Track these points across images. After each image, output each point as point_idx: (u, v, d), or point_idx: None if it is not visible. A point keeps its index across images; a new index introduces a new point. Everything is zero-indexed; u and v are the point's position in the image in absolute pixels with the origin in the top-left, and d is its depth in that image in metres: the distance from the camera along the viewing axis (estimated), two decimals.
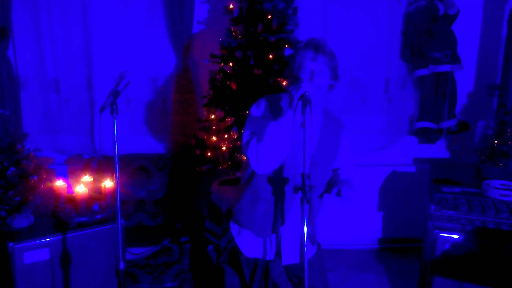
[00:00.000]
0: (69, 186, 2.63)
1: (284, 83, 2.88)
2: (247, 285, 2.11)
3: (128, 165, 3.35)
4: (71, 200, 2.53)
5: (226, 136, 2.99)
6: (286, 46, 2.97)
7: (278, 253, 1.99)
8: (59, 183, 2.54)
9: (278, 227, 1.92)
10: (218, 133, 3.03)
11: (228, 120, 2.96)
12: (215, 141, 3.03)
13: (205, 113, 3.19)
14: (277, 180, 1.87)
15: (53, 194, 2.57)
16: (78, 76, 3.60)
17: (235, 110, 2.96)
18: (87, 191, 2.52)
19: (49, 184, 2.63)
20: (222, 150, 2.99)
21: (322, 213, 2.06)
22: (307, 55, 1.82)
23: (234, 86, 2.95)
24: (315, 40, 1.86)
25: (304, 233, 1.57)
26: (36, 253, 2.25)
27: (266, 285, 2.09)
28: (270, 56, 2.94)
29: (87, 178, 2.63)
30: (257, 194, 1.93)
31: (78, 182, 2.56)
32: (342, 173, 1.99)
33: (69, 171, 3.66)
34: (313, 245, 1.99)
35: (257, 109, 1.90)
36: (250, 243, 2.00)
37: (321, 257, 2.10)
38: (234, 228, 2.06)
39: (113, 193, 2.51)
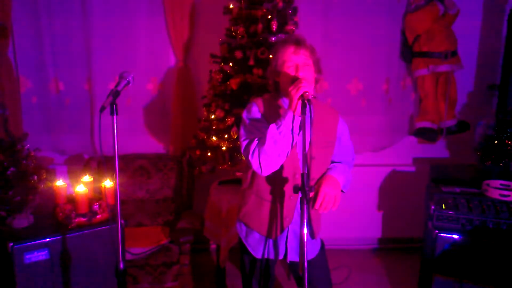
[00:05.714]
0: (69, 186, 2.62)
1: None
2: (250, 285, 2.10)
3: (128, 165, 3.36)
4: (71, 200, 2.52)
5: (226, 136, 2.98)
6: None
7: (285, 252, 1.99)
8: (59, 183, 2.54)
9: (286, 226, 1.92)
10: (218, 133, 3.02)
11: (228, 120, 2.96)
12: (215, 141, 3.03)
13: (205, 113, 3.19)
14: (278, 180, 1.87)
15: (53, 194, 2.57)
16: (78, 76, 3.60)
17: (235, 110, 2.95)
18: (87, 191, 2.52)
19: (49, 184, 2.62)
20: (222, 150, 2.99)
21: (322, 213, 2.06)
22: (289, 50, 1.83)
23: (234, 86, 2.94)
24: (294, 36, 1.89)
25: (304, 233, 1.57)
26: (36, 253, 2.24)
27: (267, 284, 2.09)
28: (270, 56, 2.94)
29: (87, 178, 2.63)
30: (261, 197, 1.93)
31: (78, 182, 2.56)
32: (333, 169, 1.96)
33: (69, 171, 3.67)
34: (313, 239, 1.99)
35: (250, 113, 1.89)
36: (259, 245, 1.99)
37: (325, 255, 2.10)
38: (241, 230, 2.05)
39: (113, 193, 2.51)
